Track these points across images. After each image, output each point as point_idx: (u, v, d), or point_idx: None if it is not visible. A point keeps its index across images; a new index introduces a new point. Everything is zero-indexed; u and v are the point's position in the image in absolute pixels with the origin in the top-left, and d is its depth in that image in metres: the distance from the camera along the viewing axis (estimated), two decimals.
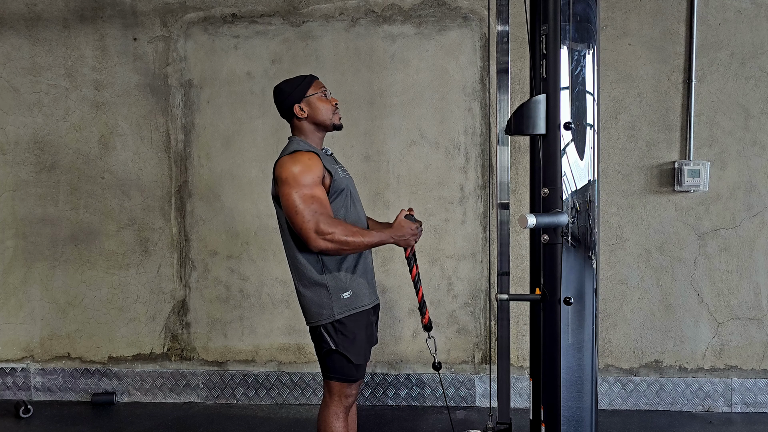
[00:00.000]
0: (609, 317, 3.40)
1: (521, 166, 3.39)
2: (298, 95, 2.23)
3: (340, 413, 2.24)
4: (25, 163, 3.62)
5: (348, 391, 2.25)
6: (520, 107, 1.90)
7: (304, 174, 2.10)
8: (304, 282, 2.21)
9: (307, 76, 2.29)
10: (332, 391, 2.24)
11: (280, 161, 2.18)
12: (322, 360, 2.24)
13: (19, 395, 3.66)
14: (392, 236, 2.19)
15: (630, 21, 3.31)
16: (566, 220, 1.82)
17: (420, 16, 3.40)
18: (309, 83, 2.25)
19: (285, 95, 2.25)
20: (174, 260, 3.60)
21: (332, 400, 2.24)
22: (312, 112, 2.24)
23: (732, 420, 3.25)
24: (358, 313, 2.20)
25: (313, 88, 2.25)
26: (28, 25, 3.58)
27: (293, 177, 2.10)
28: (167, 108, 3.55)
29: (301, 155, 2.15)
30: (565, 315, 1.85)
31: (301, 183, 2.09)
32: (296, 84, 2.25)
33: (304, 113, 2.23)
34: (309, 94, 2.24)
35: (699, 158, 3.30)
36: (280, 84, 2.29)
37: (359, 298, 2.21)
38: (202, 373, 3.60)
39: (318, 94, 2.25)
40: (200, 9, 3.50)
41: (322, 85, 2.29)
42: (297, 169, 2.10)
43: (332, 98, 2.29)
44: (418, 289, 2.35)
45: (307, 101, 2.23)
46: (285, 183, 2.11)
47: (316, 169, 2.13)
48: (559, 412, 1.88)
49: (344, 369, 2.20)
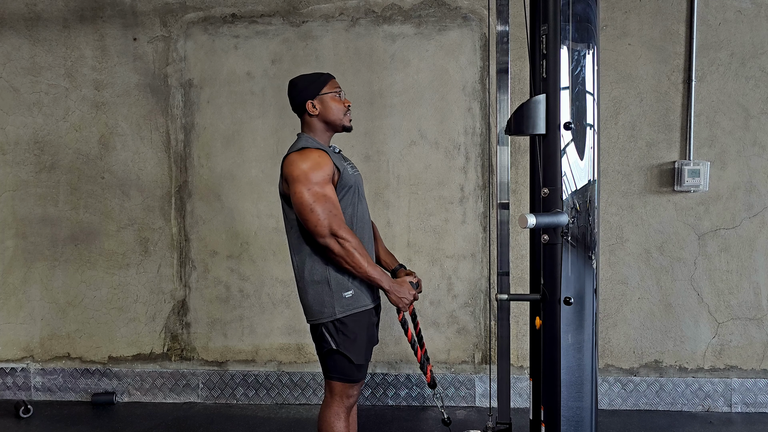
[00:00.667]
0: (609, 317, 3.40)
1: (521, 166, 3.38)
2: (312, 92, 2.22)
3: (342, 413, 2.24)
4: (25, 163, 3.62)
5: (350, 391, 2.24)
6: (520, 107, 1.90)
7: (315, 171, 2.10)
8: (306, 279, 2.21)
9: (324, 74, 2.28)
10: (333, 391, 2.24)
11: (289, 158, 2.17)
12: (323, 360, 2.24)
13: (19, 395, 3.66)
14: (391, 287, 2.18)
15: (630, 21, 3.31)
16: (566, 220, 1.82)
17: (420, 16, 3.40)
18: (324, 81, 2.25)
19: (299, 90, 2.24)
20: (174, 260, 3.60)
21: (333, 400, 2.24)
22: (324, 111, 2.23)
23: (732, 420, 3.25)
24: (360, 313, 2.20)
25: (328, 86, 2.24)
26: (28, 25, 3.58)
27: (304, 174, 2.09)
28: (167, 108, 3.55)
29: (311, 152, 2.15)
30: (565, 315, 1.85)
31: (312, 180, 2.09)
32: (312, 80, 2.24)
33: (316, 111, 2.22)
34: (323, 92, 2.23)
35: (699, 158, 3.30)
36: (296, 78, 2.28)
37: (361, 298, 2.21)
38: (202, 373, 3.60)
39: (332, 94, 2.24)
40: (200, 9, 3.50)
41: (338, 85, 2.28)
42: (307, 166, 2.10)
43: (345, 99, 2.28)
44: (416, 350, 2.31)
45: (321, 99, 2.23)
46: (296, 180, 2.10)
47: (326, 167, 2.13)
48: (559, 412, 1.88)
49: (345, 369, 2.20)
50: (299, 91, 2.24)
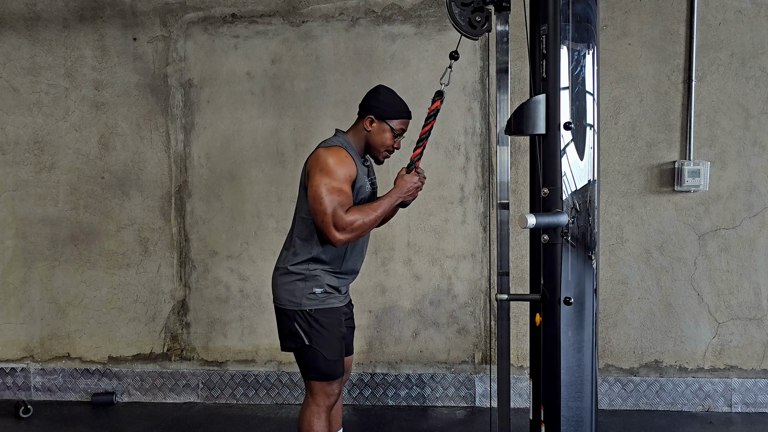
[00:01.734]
0: (609, 317, 3.40)
1: (521, 166, 3.38)
2: (383, 113, 2.24)
3: (322, 413, 2.26)
4: (25, 163, 3.62)
5: (329, 389, 2.26)
6: (520, 107, 1.90)
7: (339, 167, 2.13)
8: (289, 268, 2.25)
9: (407, 111, 2.30)
10: (314, 391, 2.26)
11: (317, 152, 2.19)
12: (299, 360, 2.27)
13: (19, 395, 3.66)
14: (398, 195, 2.24)
15: (630, 21, 3.31)
16: (566, 220, 1.82)
17: (420, 16, 3.40)
18: (399, 115, 2.27)
19: (377, 101, 2.26)
20: (174, 260, 3.60)
21: (315, 400, 2.26)
22: (374, 134, 2.26)
23: (732, 420, 3.25)
24: (329, 309, 2.24)
25: (397, 122, 2.27)
26: (28, 25, 3.58)
27: (327, 167, 2.12)
28: (167, 108, 3.55)
29: (340, 151, 2.18)
30: (565, 315, 1.85)
31: (333, 175, 2.12)
32: (392, 104, 2.27)
33: (370, 128, 2.26)
34: (389, 121, 2.25)
35: (699, 158, 3.30)
36: (386, 90, 2.30)
37: (331, 298, 2.26)
38: (202, 373, 3.60)
39: (393, 131, 2.26)
40: (200, 9, 3.50)
41: (406, 127, 2.31)
42: (332, 161, 2.13)
43: (398, 143, 2.30)
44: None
45: (381, 124, 2.25)
46: (318, 171, 2.13)
47: (350, 168, 2.16)
48: (559, 412, 1.88)
49: (321, 367, 2.23)
50: (376, 101, 2.26)
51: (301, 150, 3.46)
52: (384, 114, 2.24)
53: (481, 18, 2.09)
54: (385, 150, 2.30)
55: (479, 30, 2.09)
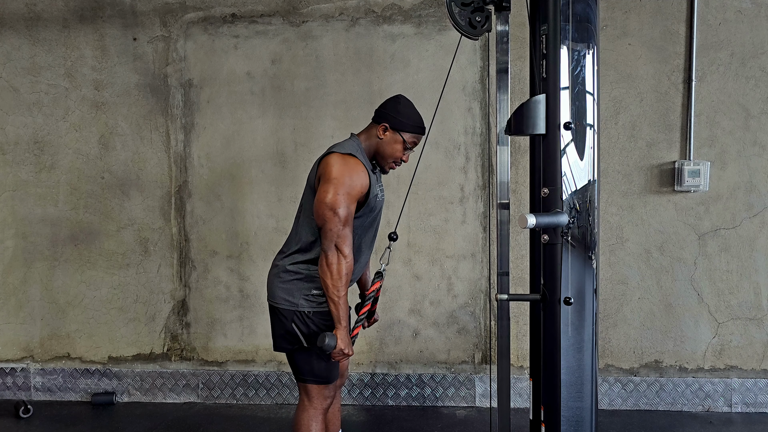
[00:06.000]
0: (609, 317, 3.40)
1: (521, 166, 3.38)
2: (398, 124, 2.24)
3: (319, 416, 2.24)
4: (25, 163, 3.62)
5: (325, 392, 2.25)
6: (520, 107, 1.90)
7: (353, 184, 2.12)
8: (285, 263, 2.24)
9: (422, 125, 2.29)
10: (310, 394, 2.24)
11: (334, 157, 2.16)
12: (295, 363, 2.25)
13: (19, 395, 3.66)
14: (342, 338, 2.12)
15: (630, 21, 3.31)
16: (566, 220, 1.82)
17: (420, 16, 3.40)
18: (413, 128, 2.26)
19: (395, 111, 2.25)
20: (174, 260, 3.60)
21: (311, 403, 2.24)
22: (385, 143, 2.26)
23: (732, 420, 3.25)
24: (327, 312, 2.21)
25: (410, 135, 2.26)
26: (28, 25, 3.58)
27: (341, 181, 2.10)
28: (167, 108, 3.55)
29: (357, 165, 2.16)
30: (565, 315, 1.85)
31: (346, 191, 2.10)
32: (408, 116, 2.26)
33: (382, 137, 2.25)
34: (402, 133, 2.25)
35: (699, 158, 3.30)
36: (405, 101, 2.29)
37: None
38: (202, 373, 3.60)
39: (405, 143, 2.26)
40: (200, 9, 3.50)
41: (418, 141, 2.30)
42: (347, 175, 2.11)
43: (407, 156, 2.30)
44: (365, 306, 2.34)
45: (395, 135, 2.24)
46: (330, 181, 2.11)
47: (362, 184, 2.15)
48: (559, 412, 1.88)
49: (317, 370, 2.21)
50: (395, 111, 2.25)
51: (301, 150, 3.47)
52: (399, 125, 2.24)
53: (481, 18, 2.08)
54: (393, 161, 2.29)
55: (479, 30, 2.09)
